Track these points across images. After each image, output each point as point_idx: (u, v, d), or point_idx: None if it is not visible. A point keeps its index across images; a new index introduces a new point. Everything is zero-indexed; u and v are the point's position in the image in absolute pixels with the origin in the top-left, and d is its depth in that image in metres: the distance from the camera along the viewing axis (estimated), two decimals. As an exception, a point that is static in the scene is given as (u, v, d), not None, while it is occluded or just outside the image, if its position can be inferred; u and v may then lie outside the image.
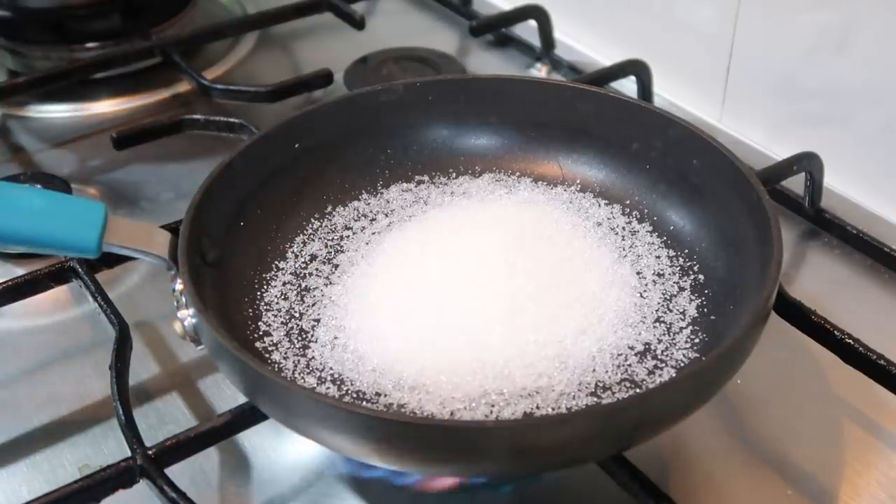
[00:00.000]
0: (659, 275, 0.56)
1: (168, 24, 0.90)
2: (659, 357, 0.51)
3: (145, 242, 0.51)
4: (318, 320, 0.53)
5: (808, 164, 0.67)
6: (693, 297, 0.54)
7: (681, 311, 0.53)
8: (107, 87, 0.85)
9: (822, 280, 0.65)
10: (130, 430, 0.49)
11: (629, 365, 0.50)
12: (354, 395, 0.48)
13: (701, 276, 0.55)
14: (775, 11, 0.72)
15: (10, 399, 0.57)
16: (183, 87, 0.85)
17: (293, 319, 0.53)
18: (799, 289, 0.62)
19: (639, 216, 0.60)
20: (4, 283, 0.58)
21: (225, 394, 0.56)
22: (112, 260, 0.59)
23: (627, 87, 0.80)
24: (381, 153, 0.64)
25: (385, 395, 0.48)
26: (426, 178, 0.63)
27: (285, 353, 0.51)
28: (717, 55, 0.78)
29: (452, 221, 0.58)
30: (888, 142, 0.68)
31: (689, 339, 0.51)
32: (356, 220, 0.60)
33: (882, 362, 0.52)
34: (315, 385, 0.49)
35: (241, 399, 0.49)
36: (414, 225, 0.59)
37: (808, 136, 0.72)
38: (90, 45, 0.87)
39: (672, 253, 0.57)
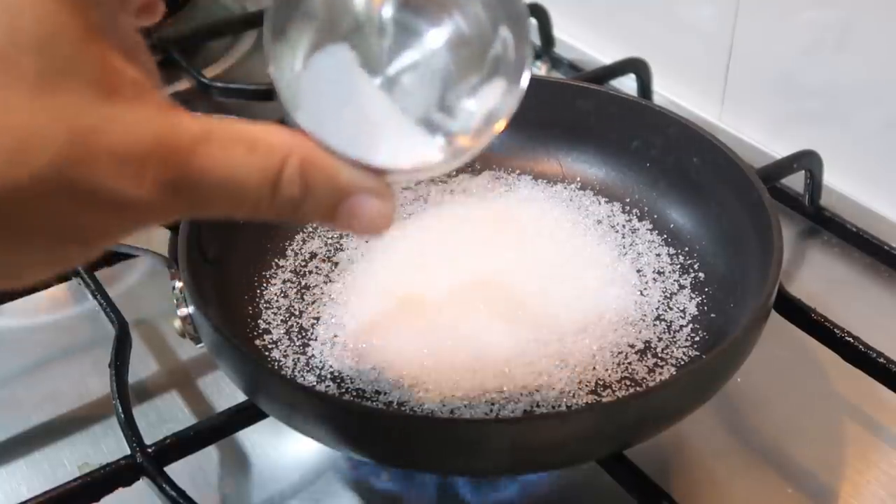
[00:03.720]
0: (659, 273, 0.56)
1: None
2: (659, 355, 0.51)
3: (145, 240, 0.51)
4: (317, 318, 0.53)
5: (807, 162, 0.67)
6: (693, 295, 0.54)
7: (681, 309, 0.53)
8: (106, 85, 0.85)
9: (821, 278, 0.65)
10: (130, 429, 0.49)
11: (629, 363, 0.50)
12: (354, 394, 0.48)
13: (701, 274, 0.55)
14: (775, 10, 0.72)
15: (9, 397, 0.57)
16: (182, 85, 0.85)
17: (293, 317, 0.53)
18: (799, 287, 0.62)
19: (639, 214, 0.60)
20: (4, 281, 0.58)
21: (224, 392, 0.56)
22: (112, 258, 0.59)
23: (627, 85, 0.80)
24: (381, 151, 0.63)
25: (385, 394, 0.48)
26: (426, 175, 0.63)
27: (285, 350, 0.51)
28: (716, 53, 0.78)
29: (452, 219, 0.58)
30: (888, 140, 0.68)
31: (689, 338, 0.51)
32: (356, 218, 0.60)
33: (882, 360, 0.52)
34: (315, 383, 0.49)
35: (241, 397, 0.49)
36: (413, 223, 0.59)
37: (807, 135, 0.72)
38: (89, 42, 0.86)
39: (672, 251, 0.57)
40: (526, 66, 0.35)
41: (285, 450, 0.53)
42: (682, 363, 0.50)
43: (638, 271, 0.56)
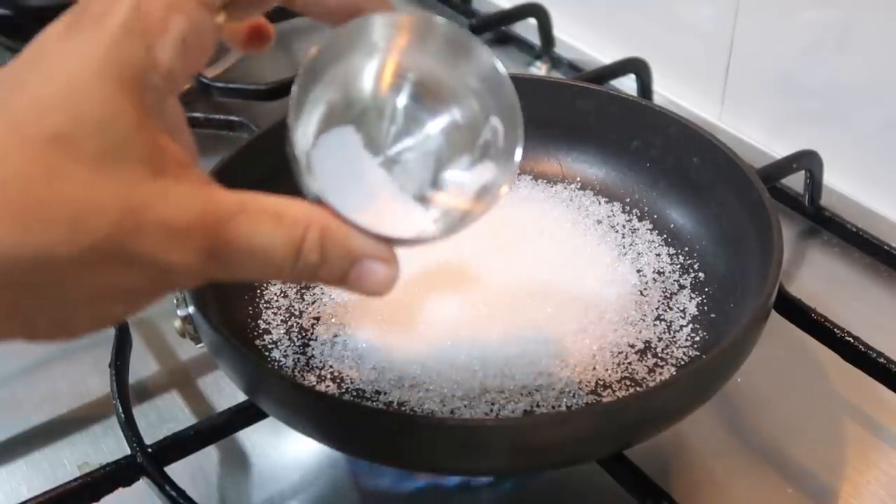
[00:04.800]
0: (659, 273, 0.56)
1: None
2: (659, 355, 0.51)
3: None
4: (317, 318, 0.53)
5: (807, 162, 0.67)
6: (693, 295, 0.54)
7: (681, 309, 0.53)
8: (106, 85, 0.85)
9: (821, 278, 0.65)
10: (130, 428, 0.49)
11: (629, 363, 0.50)
12: (354, 394, 0.48)
13: (701, 274, 0.55)
14: (775, 10, 0.72)
15: (9, 397, 0.57)
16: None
17: (293, 317, 0.53)
18: (799, 287, 0.62)
19: (639, 214, 0.60)
20: (4, 281, 0.58)
21: (224, 392, 0.56)
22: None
23: (627, 85, 0.80)
24: (381, 151, 0.64)
25: (385, 394, 0.48)
26: (426, 175, 0.63)
27: (285, 351, 0.51)
28: (716, 53, 0.78)
29: (452, 219, 0.58)
30: (888, 139, 0.68)
31: (689, 338, 0.51)
32: (356, 218, 0.60)
33: (882, 360, 0.52)
34: (315, 383, 0.49)
35: (241, 397, 0.49)
36: (414, 223, 0.59)
37: (807, 134, 0.72)
38: (89, 42, 0.87)
39: (672, 251, 0.57)
40: (517, 147, 0.39)
41: (285, 450, 0.53)
42: (682, 363, 0.50)
43: (638, 271, 0.56)
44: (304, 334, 0.52)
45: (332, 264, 0.34)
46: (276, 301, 0.54)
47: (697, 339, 0.51)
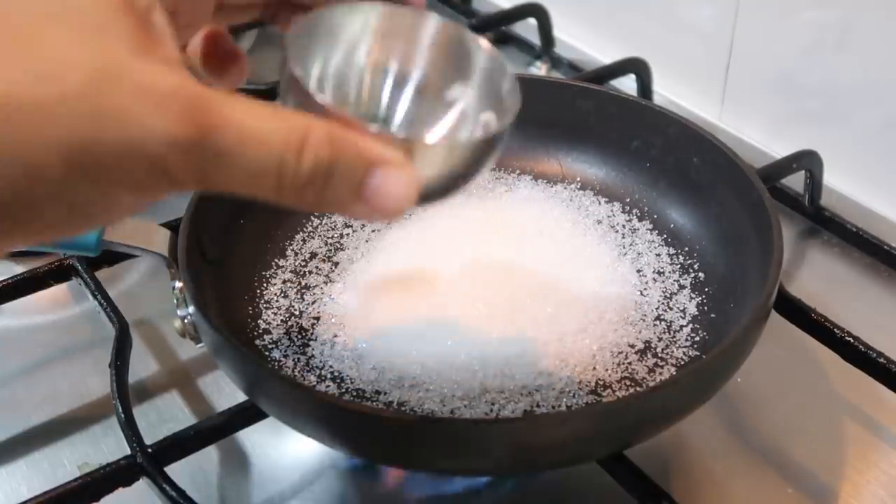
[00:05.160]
0: (659, 273, 0.56)
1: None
2: (659, 355, 0.51)
3: (145, 240, 0.51)
4: (317, 318, 0.53)
5: (807, 162, 0.67)
6: (693, 295, 0.54)
7: (681, 309, 0.53)
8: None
9: (821, 278, 0.65)
10: (130, 429, 0.49)
11: (629, 363, 0.50)
12: (354, 394, 0.48)
13: (701, 274, 0.55)
14: (775, 10, 0.72)
15: (9, 397, 0.57)
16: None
17: (293, 317, 0.53)
18: (799, 287, 0.62)
19: (639, 214, 0.60)
20: (4, 280, 0.58)
21: (224, 392, 0.56)
22: (112, 258, 0.59)
23: (627, 85, 0.80)
24: (381, 151, 0.63)
25: (385, 394, 0.48)
26: (426, 175, 0.63)
27: (285, 350, 0.51)
28: (716, 53, 0.78)
29: (452, 219, 0.58)
30: (887, 139, 0.68)
31: (689, 338, 0.51)
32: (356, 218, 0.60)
33: (882, 360, 0.52)
34: (315, 383, 0.49)
35: (241, 397, 0.49)
36: (414, 222, 0.59)
37: (807, 134, 0.72)
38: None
39: (672, 251, 0.57)
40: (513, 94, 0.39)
41: (285, 450, 0.52)
42: (682, 363, 0.50)
43: (638, 271, 0.56)
44: (304, 334, 0.52)
45: (345, 170, 0.30)
46: (276, 301, 0.54)
47: (697, 339, 0.51)
